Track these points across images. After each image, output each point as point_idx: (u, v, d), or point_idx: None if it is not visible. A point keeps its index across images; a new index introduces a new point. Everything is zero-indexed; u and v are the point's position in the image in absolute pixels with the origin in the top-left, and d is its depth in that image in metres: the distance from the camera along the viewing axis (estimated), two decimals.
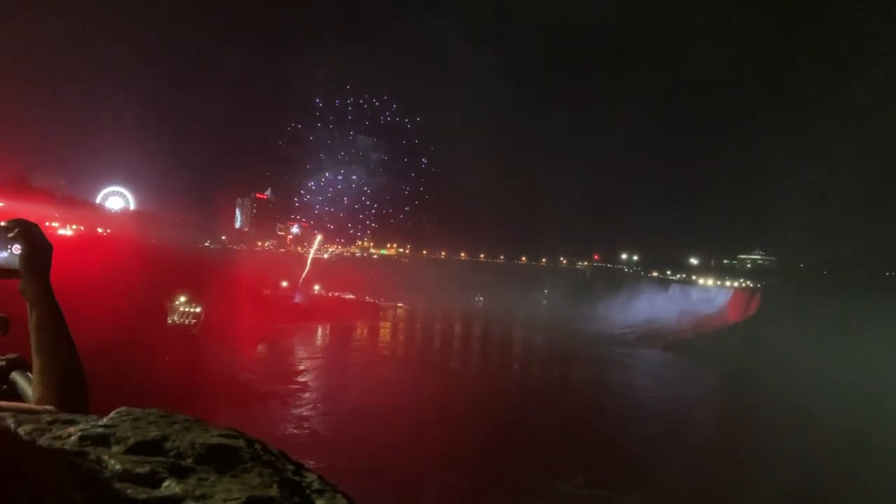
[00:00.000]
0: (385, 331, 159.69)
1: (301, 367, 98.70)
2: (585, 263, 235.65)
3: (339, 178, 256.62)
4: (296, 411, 73.38)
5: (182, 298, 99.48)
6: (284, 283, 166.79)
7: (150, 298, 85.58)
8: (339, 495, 3.18)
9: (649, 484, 57.14)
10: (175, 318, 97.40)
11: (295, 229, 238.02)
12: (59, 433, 2.81)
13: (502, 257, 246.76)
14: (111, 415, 3.23)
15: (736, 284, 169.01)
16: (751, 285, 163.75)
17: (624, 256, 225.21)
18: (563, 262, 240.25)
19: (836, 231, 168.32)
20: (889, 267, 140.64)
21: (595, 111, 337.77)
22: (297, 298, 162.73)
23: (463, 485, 53.34)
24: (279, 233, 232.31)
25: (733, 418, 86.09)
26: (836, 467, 61.76)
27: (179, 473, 2.88)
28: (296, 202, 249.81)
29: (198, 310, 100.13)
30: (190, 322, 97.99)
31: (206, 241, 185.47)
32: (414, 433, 66.18)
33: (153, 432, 3.19)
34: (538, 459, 61.33)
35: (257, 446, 3.41)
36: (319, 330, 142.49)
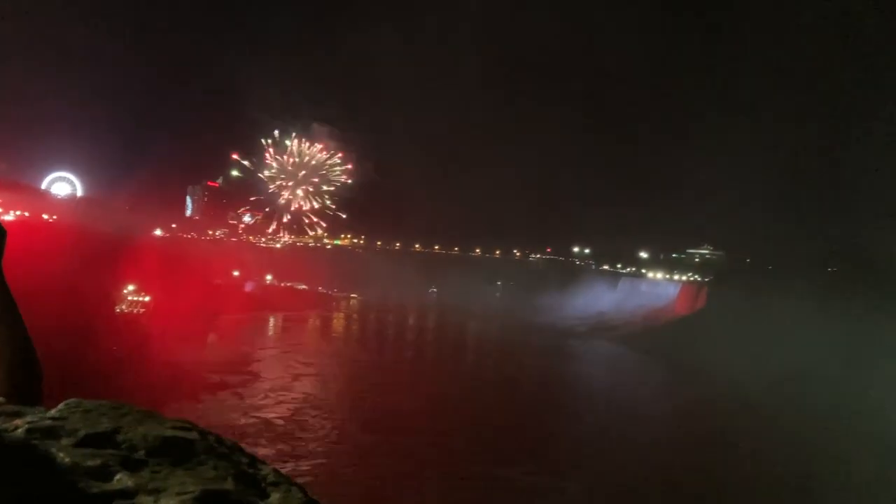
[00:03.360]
0: (338, 322, 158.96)
1: (253, 357, 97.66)
2: (539, 256, 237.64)
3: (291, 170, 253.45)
4: (248, 401, 72.62)
5: (131, 287, 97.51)
6: (236, 273, 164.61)
7: (98, 287, 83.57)
8: (294, 488, 3.16)
9: (592, 472, 58.04)
10: (124, 306, 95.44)
11: (247, 218, 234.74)
12: (4, 426, 2.74)
13: (457, 249, 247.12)
14: (60, 406, 3.15)
15: (684, 278, 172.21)
16: (699, 279, 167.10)
17: (576, 249, 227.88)
18: (517, 255, 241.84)
19: (780, 228, 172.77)
20: (829, 263, 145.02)
21: (546, 109, 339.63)
22: (249, 288, 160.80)
23: (406, 470, 53.59)
24: (231, 221, 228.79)
25: (679, 409, 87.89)
26: (778, 455, 63.85)
27: (132, 466, 2.83)
28: (248, 190, 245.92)
29: (147, 299, 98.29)
30: (139, 311, 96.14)
31: (156, 229, 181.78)
32: (363, 421, 66.38)
33: (104, 424, 3.13)
34: (484, 447, 61.87)
35: (211, 438, 3.37)
36: (271, 320, 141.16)
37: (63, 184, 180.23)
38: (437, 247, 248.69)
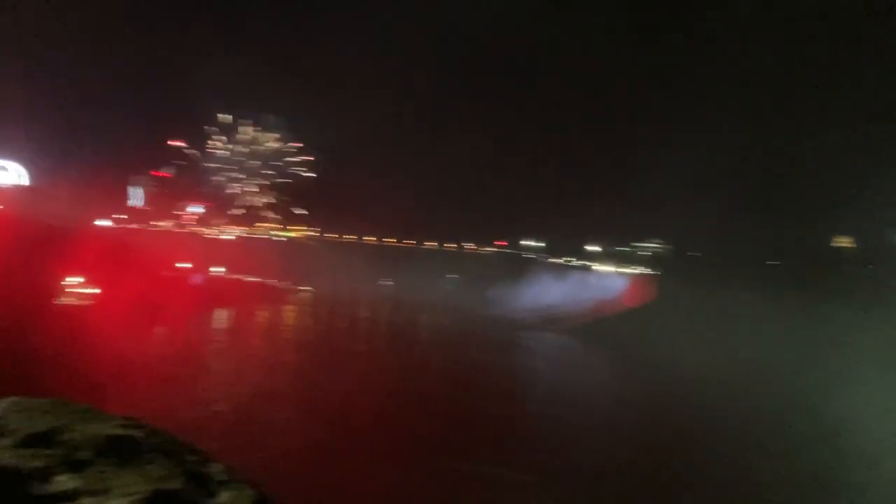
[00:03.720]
0: (290, 314, 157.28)
1: (202, 349, 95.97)
2: (492, 249, 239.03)
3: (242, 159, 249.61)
4: (197, 394, 71.29)
5: (75, 279, 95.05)
6: (185, 265, 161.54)
7: (41, 279, 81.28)
8: (244, 486, 3.12)
9: (545, 462, 58.63)
10: (68, 298, 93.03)
11: (196, 209, 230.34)
12: None
13: (411, 241, 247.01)
14: None
15: (634, 271, 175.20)
16: (648, 272, 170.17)
17: (528, 243, 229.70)
18: (470, 248, 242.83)
19: (726, 223, 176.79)
20: (769, 257, 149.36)
21: (501, 102, 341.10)
22: (198, 280, 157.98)
23: (357, 463, 53.39)
24: (177, 212, 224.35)
25: (627, 399, 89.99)
26: (714, 440, 65.84)
27: (75, 467, 2.74)
28: (197, 181, 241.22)
29: (92, 291, 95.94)
30: (84, 303, 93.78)
31: (101, 220, 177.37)
32: (315, 414, 65.92)
33: (46, 423, 3.02)
34: (437, 440, 61.89)
35: (160, 436, 3.29)
36: (221, 313, 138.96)
37: (5, 172, 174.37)
38: (390, 239, 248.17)
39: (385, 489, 49.51)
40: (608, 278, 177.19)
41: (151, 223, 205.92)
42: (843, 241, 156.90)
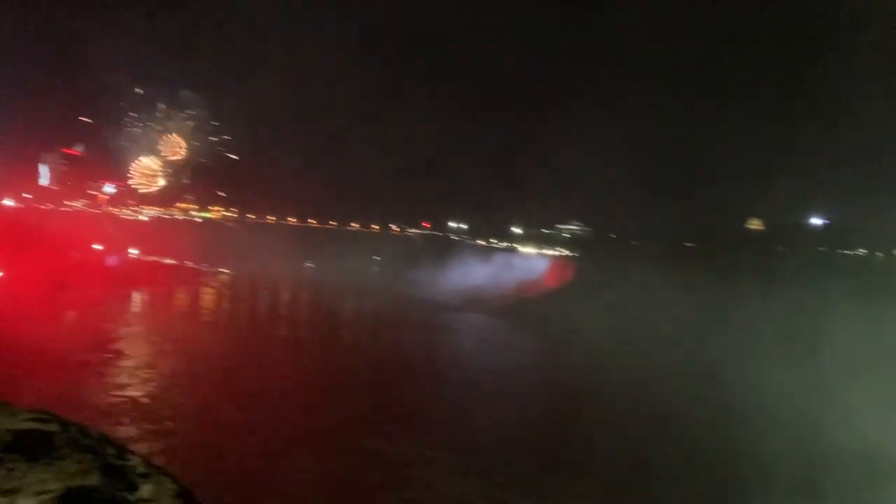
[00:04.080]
0: (207, 297, 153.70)
1: (116, 335, 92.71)
2: (416, 231, 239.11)
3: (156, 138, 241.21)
4: (111, 380, 68.96)
5: None
6: (98, 246, 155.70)
7: None
8: (165, 478, 3.01)
9: (460, 441, 59.49)
10: None
11: (109, 188, 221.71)
12: None
13: (333, 223, 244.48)
14: None
15: (555, 253, 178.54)
16: (568, 253, 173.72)
17: (453, 224, 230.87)
18: (394, 230, 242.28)
19: (643, 206, 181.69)
20: (687, 238, 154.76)
21: (423, 84, 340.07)
22: (112, 262, 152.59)
23: (275, 445, 53.09)
24: (91, 192, 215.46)
25: (545, 377, 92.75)
26: (622, 416, 68.42)
27: None
28: (110, 159, 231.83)
29: None
30: None
31: (6, 199, 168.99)
32: (232, 399, 64.81)
33: None
34: (356, 422, 61.86)
35: (73, 429, 3.13)
36: (136, 296, 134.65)
37: None
38: (312, 221, 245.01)
39: (297, 470, 49.37)
40: (531, 260, 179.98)
41: (64, 203, 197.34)
42: (755, 223, 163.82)
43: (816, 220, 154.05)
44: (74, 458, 2.63)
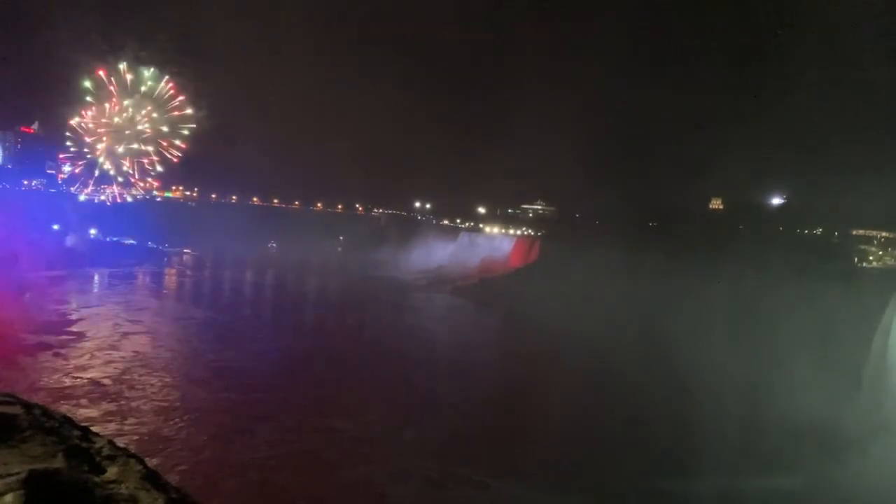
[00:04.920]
0: (170, 278, 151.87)
1: (75, 317, 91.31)
2: (381, 211, 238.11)
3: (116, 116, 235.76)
4: (72, 362, 68.06)
5: None
6: (56, 227, 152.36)
7: None
8: (132, 460, 3.04)
9: (424, 420, 60.26)
10: None
11: (67, 167, 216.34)
12: None
13: (297, 203, 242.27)
14: None
15: (519, 232, 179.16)
16: (532, 233, 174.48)
17: (417, 205, 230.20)
18: (359, 210, 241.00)
19: (608, 185, 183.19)
20: (650, 218, 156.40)
21: (388, 65, 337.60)
22: (70, 242, 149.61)
23: (237, 425, 53.25)
24: (49, 171, 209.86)
25: (505, 355, 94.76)
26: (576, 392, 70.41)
27: None
28: (68, 137, 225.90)
29: None
30: None
31: None
32: (195, 379, 64.82)
33: None
34: (318, 401, 62.46)
35: (37, 411, 3.13)
36: (96, 277, 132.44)
37: None
38: (276, 200, 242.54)
39: (267, 450, 49.61)
40: (495, 240, 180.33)
41: (19, 182, 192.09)
42: (716, 203, 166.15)
43: (776, 200, 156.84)
44: (38, 441, 2.65)
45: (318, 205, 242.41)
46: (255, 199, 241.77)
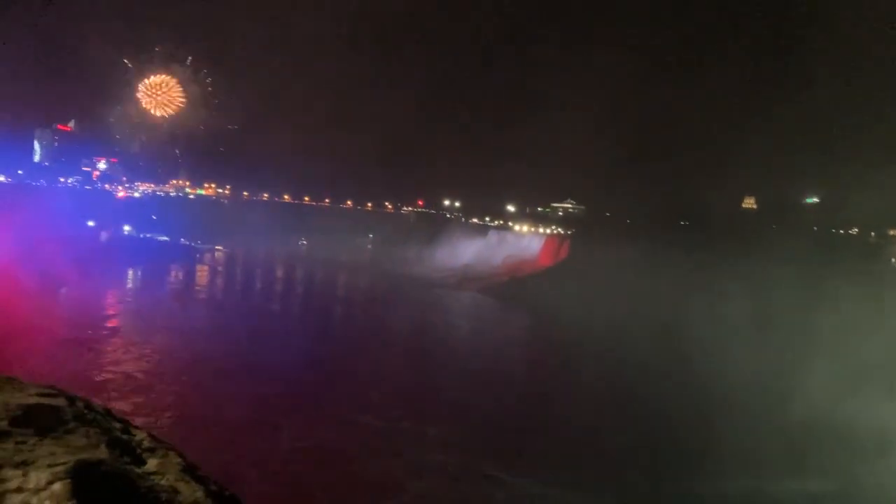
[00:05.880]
0: (202, 274, 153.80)
1: (110, 312, 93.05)
2: (410, 209, 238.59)
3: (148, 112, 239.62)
4: (106, 356, 69.34)
5: None
6: (91, 223, 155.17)
7: None
8: (171, 453, 3.11)
9: (451, 415, 60.50)
10: None
11: (102, 165, 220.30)
12: None
13: (327, 201, 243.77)
14: None
15: (548, 231, 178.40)
16: (562, 232, 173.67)
17: (447, 203, 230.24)
18: (388, 208, 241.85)
19: (637, 184, 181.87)
20: (682, 217, 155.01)
21: (419, 64, 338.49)
22: (105, 239, 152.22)
23: (261, 418, 53.92)
24: (84, 168, 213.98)
25: (534, 353, 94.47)
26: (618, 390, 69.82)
27: None
28: (103, 135, 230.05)
29: None
30: None
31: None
32: (227, 373, 65.48)
33: None
34: (346, 395, 62.99)
35: (80, 404, 3.22)
36: (130, 272, 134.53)
37: None
38: (307, 198, 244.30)
39: (293, 440, 50.33)
40: (524, 238, 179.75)
41: (56, 179, 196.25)
42: (749, 202, 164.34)
43: (810, 200, 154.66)
44: (82, 432, 2.73)
45: (348, 202, 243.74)
46: (285, 196, 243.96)
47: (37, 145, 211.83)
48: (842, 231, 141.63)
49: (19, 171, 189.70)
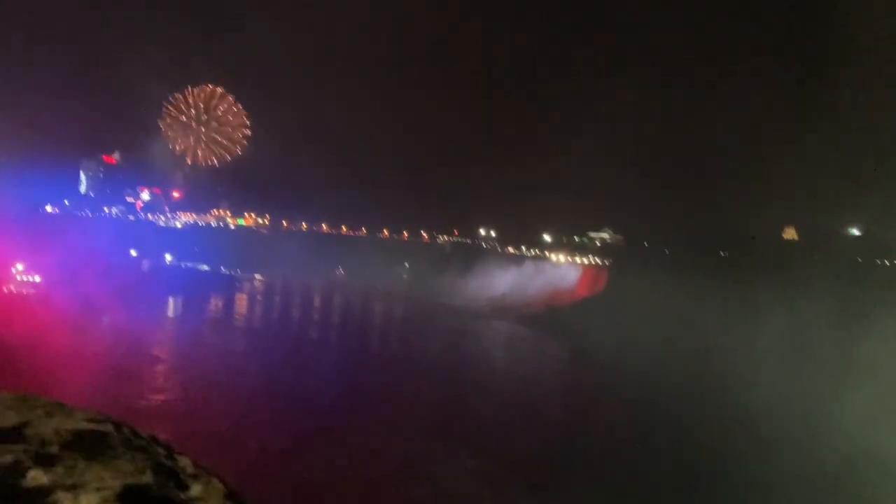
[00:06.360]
0: (241, 303, 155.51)
1: (152, 340, 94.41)
2: (446, 238, 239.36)
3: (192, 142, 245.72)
4: (149, 384, 70.47)
5: (19, 266, 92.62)
6: (133, 252, 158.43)
7: None
8: (214, 479, 3.17)
9: (489, 447, 60.02)
10: (12, 286, 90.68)
11: (145, 196, 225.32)
12: None
13: (364, 230, 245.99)
14: None
15: (586, 261, 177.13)
16: (599, 262, 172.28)
17: (482, 232, 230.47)
18: (424, 237, 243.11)
19: (677, 212, 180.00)
20: (722, 247, 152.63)
21: (456, 94, 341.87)
22: (146, 268, 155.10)
23: (298, 445, 54.14)
24: (128, 199, 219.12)
25: (571, 385, 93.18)
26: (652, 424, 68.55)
27: (45, 462, 2.75)
28: (146, 166, 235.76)
29: (37, 279, 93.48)
30: (27, 291, 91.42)
31: (47, 206, 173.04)
32: (264, 401, 65.87)
33: (12, 418, 3.03)
34: (386, 424, 62.86)
35: (126, 430, 3.31)
36: (170, 301, 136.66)
37: None
38: (344, 227, 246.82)
39: (311, 467, 50.45)
40: (561, 268, 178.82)
41: (101, 210, 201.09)
42: (790, 232, 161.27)
43: (853, 230, 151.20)
44: (128, 457, 2.81)
45: (384, 231, 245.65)
46: (323, 226, 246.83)
47: (83, 176, 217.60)
48: (886, 262, 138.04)
49: (66, 202, 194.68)
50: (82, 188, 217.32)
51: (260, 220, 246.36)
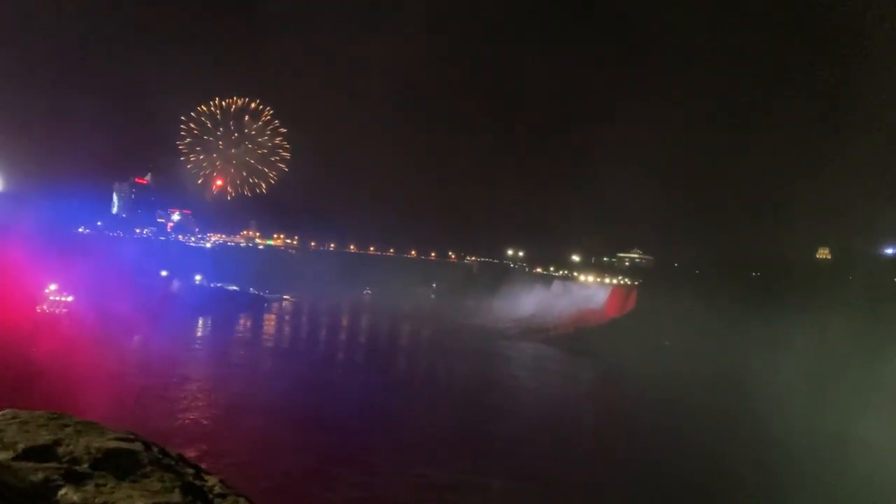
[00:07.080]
0: (269, 323, 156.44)
1: (180, 359, 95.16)
2: (473, 258, 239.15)
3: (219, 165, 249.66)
4: (178, 403, 70.96)
5: (53, 286, 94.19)
6: (164, 273, 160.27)
7: (19, 286, 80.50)
8: (241, 499, 3.17)
9: (515, 467, 59.52)
10: (45, 306, 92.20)
11: (176, 216, 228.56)
12: None
13: (392, 250, 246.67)
14: None
15: (615, 282, 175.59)
16: (628, 283, 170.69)
17: (510, 252, 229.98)
18: (451, 257, 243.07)
19: (709, 232, 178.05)
20: (754, 268, 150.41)
21: (483, 116, 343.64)
22: (176, 288, 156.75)
23: (323, 468, 54.13)
24: (159, 220, 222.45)
25: (604, 409, 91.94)
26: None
27: (76, 480, 2.77)
28: (177, 187, 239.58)
29: (69, 299, 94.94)
30: (61, 311, 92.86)
31: (80, 227, 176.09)
32: (292, 423, 65.92)
33: (44, 437, 3.06)
34: (409, 446, 62.60)
35: (155, 449, 3.33)
36: (200, 321, 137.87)
37: None
38: (371, 248, 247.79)
39: (335, 490, 50.29)
40: (589, 288, 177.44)
41: (132, 231, 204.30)
42: (823, 253, 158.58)
43: (889, 250, 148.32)
44: (157, 476, 2.82)
45: (412, 252, 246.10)
46: (351, 246, 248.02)
47: (115, 198, 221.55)
48: None
49: (99, 223, 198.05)
50: (115, 209, 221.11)
51: (289, 241, 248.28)
